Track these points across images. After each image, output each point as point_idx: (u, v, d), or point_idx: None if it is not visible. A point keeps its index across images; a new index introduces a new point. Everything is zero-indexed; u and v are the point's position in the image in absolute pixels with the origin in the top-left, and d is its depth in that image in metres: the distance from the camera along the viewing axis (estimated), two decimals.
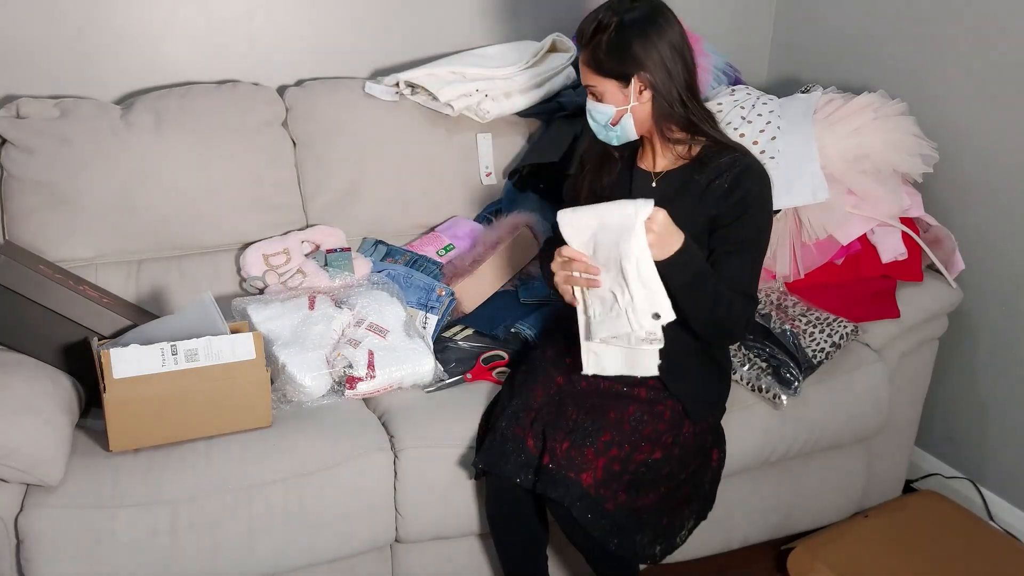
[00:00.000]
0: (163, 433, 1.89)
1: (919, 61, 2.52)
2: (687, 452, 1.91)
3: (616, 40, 1.78)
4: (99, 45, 2.37)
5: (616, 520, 1.79)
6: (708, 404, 1.97)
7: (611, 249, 1.68)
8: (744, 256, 1.85)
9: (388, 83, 2.51)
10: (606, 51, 1.79)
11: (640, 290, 1.66)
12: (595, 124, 1.90)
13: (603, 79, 1.82)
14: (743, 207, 1.82)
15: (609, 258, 1.69)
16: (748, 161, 1.87)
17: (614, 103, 1.84)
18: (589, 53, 1.81)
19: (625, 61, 1.79)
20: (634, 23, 1.77)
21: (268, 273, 2.30)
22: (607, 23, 1.78)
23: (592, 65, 1.82)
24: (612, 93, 1.83)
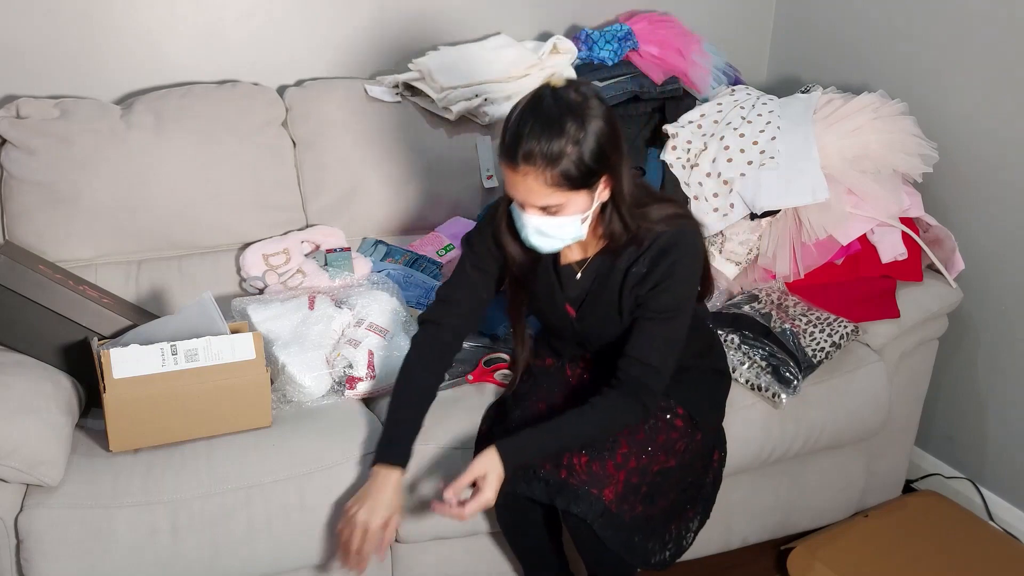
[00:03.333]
0: (163, 433, 1.89)
1: (919, 61, 2.52)
2: (695, 456, 1.91)
3: (584, 147, 1.57)
4: (99, 45, 2.37)
5: (632, 532, 1.78)
6: (714, 409, 1.97)
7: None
8: (656, 325, 1.74)
9: (388, 84, 2.51)
10: (575, 160, 1.57)
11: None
12: (547, 240, 1.69)
13: (569, 193, 1.60)
14: (660, 281, 1.71)
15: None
16: (666, 238, 1.71)
17: (578, 211, 1.65)
18: (552, 171, 1.56)
19: (599, 164, 1.60)
20: (586, 114, 1.57)
21: (268, 273, 2.30)
22: (565, 131, 1.55)
23: (556, 183, 1.58)
24: (577, 203, 1.63)
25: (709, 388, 1.96)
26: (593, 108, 1.59)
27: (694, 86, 2.64)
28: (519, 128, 1.57)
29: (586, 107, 1.58)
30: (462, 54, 2.55)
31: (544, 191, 1.59)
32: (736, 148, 2.37)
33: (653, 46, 2.64)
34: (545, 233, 1.67)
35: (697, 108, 2.52)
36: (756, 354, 2.16)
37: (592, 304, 1.81)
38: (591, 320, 1.84)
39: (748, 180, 2.32)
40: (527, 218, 1.65)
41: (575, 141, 1.56)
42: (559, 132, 1.56)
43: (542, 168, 1.57)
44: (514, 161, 1.58)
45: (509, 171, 1.60)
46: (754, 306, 2.28)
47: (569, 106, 1.57)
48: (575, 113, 1.57)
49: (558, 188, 1.59)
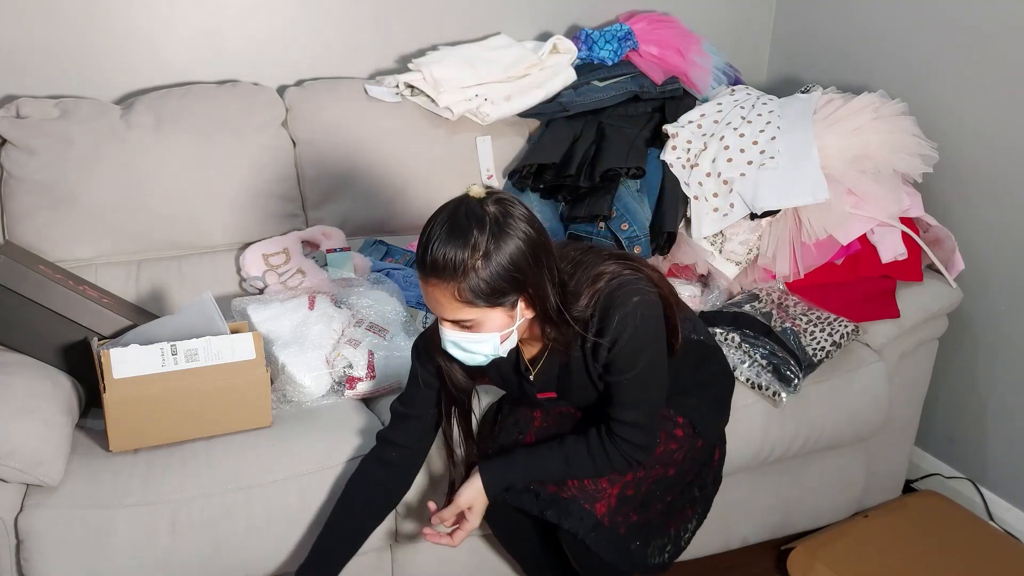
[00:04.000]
0: (163, 433, 1.89)
1: (919, 61, 2.52)
2: (694, 460, 1.89)
3: (494, 264, 1.48)
4: (99, 45, 2.37)
5: (627, 541, 1.77)
6: (717, 415, 1.93)
7: None
8: (625, 385, 1.67)
9: (388, 84, 2.51)
10: (486, 278, 1.48)
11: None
12: (466, 355, 1.62)
13: (482, 309, 1.52)
14: (611, 348, 1.63)
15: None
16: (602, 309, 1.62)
17: (497, 328, 1.56)
18: (459, 286, 1.48)
19: (512, 284, 1.51)
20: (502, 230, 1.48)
21: (268, 273, 2.30)
22: (474, 244, 1.47)
23: (465, 299, 1.50)
24: (495, 320, 1.55)
25: (711, 394, 1.93)
26: (512, 224, 1.49)
27: (694, 86, 2.64)
28: (428, 238, 1.50)
29: (504, 222, 1.49)
30: (462, 54, 2.55)
31: (453, 306, 1.51)
32: (736, 148, 2.37)
33: (653, 46, 2.64)
34: (462, 348, 1.60)
35: (697, 108, 2.53)
36: (757, 353, 2.16)
37: (565, 388, 1.76)
38: (571, 399, 1.80)
39: (748, 180, 2.32)
40: (443, 331, 1.59)
41: (485, 256, 1.47)
42: (466, 245, 1.47)
43: (449, 281, 1.48)
44: (422, 271, 1.51)
45: (422, 282, 1.53)
46: (755, 305, 2.28)
47: (482, 219, 1.48)
48: (489, 227, 1.48)
49: (468, 304, 1.50)
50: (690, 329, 1.85)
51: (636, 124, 2.52)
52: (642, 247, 2.35)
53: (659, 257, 2.41)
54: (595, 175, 2.38)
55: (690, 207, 2.38)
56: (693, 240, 2.37)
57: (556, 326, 1.61)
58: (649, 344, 1.65)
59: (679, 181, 2.40)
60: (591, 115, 2.54)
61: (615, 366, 1.64)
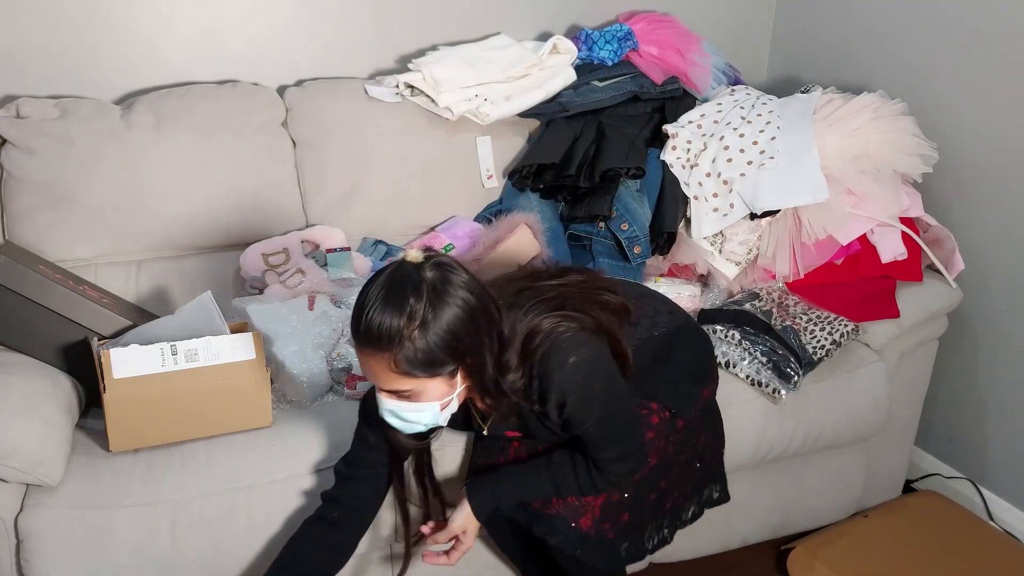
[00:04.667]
0: (163, 433, 1.89)
1: (919, 61, 2.52)
2: (680, 441, 1.84)
3: (431, 333, 1.42)
4: (99, 45, 2.37)
5: (618, 543, 1.76)
6: (692, 392, 1.85)
7: None
8: (591, 431, 1.62)
9: (388, 84, 2.51)
10: (424, 348, 1.42)
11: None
12: (405, 425, 1.56)
13: (422, 380, 1.47)
14: (559, 407, 1.57)
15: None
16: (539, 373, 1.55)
17: (437, 398, 1.51)
18: (395, 356, 1.42)
19: (450, 353, 1.45)
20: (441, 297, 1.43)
21: (268, 273, 2.30)
22: (409, 312, 1.41)
23: (402, 370, 1.44)
24: (435, 389, 1.50)
25: (681, 373, 1.83)
26: (451, 291, 1.43)
27: (694, 86, 2.64)
28: (363, 305, 1.44)
29: (442, 288, 1.43)
30: (462, 54, 2.55)
31: (389, 376, 1.45)
32: (736, 148, 2.37)
33: (653, 46, 2.64)
34: (401, 417, 1.54)
35: (697, 108, 2.53)
36: (757, 350, 2.16)
37: (526, 433, 1.73)
38: (541, 439, 1.75)
39: (748, 180, 2.32)
40: (380, 400, 1.53)
41: (422, 324, 1.41)
42: (402, 313, 1.41)
43: (384, 352, 1.42)
44: (357, 340, 1.45)
45: (357, 350, 1.47)
46: (755, 304, 2.28)
47: (418, 285, 1.42)
48: (427, 294, 1.42)
49: (405, 375, 1.45)
50: (648, 327, 1.79)
51: (636, 124, 2.52)
52: (642, 247, 2.35)
53: (659, 257, 2.42)
54: (595, 175, 2.38)
55: (690, 207, 2.38)
56: (693, 240, 2.37)
57: (493, 397, 1.55)
58: (599, 392, 1.59)
59: (679, 181, 2.40)
60: (591, 115, 2.54)
61: (573, 421, 1.60)
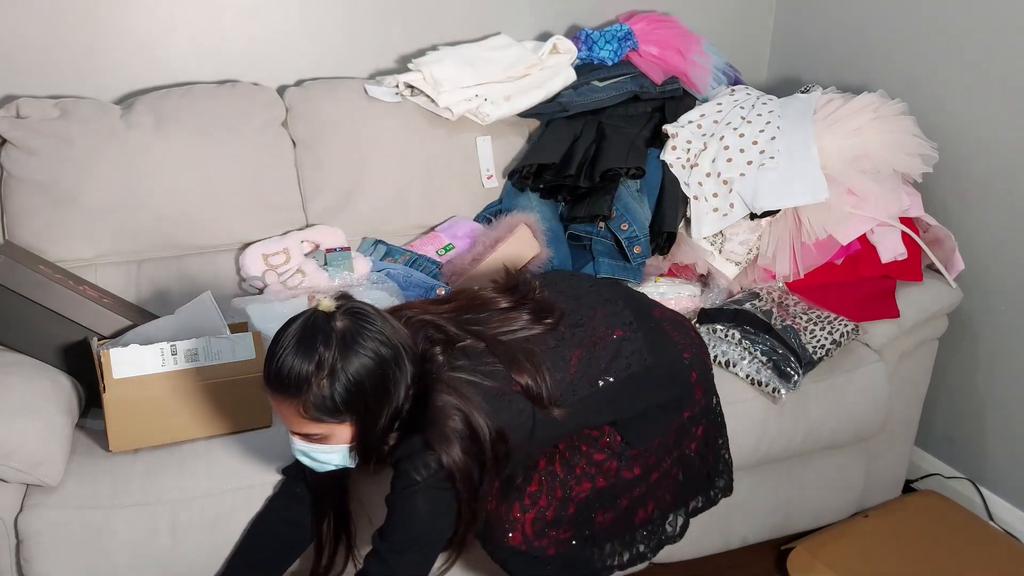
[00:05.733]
0: (163, 433, 1.89)
1: (919, 61, 2.52)
2: (647, 462, 1.77)
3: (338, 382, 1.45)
4: (99, 45, 2.37)
5: (566, 558, 1.73)
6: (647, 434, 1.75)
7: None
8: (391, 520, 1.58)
9: (388, 84, 2.51)
10: (329, 396, 1.45)
11: None
12: (316, 464, 1.59)
13: (332, 425, 1.49)
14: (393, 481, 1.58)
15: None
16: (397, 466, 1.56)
17: (347, 441, 1.54)
18: (304, 403, 1.45)
19: (350, 405, 1.47)
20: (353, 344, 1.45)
21: (268, 273, 2.30)
22: (316, 358, 1.43)
23: (310, 415, 1.47)
24: (343, 433, 1.53)
25: (637, 411, 1.74)
26: (360, 343, 1.45)
27: (694, 86, 2.64)
28: (275, 350, 1.46)
29: (352, 340, 1.45)
30: (462, 54, 2.55)
31: (298, 420, 1.48)
32: (736, 148, 2.37)
33: (653, 46, 2.64)
34: (311, 457, 1.57)
35: (697, 108, 2.53)
36: (757, 349, 2.16)
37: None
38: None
39: (748, 180, 2.32)
40: (292, 440, 1.56)
41: (329, 373, 1.44)
42: (310, 360, 1.43)
43: (293, 397, 1.46)
44: (267, 384, 1.48)
45: (268, 395, 1.51)
46: (755, 303, 2.28)
47: (328, 335, 1.44)
48: (336, 343, 1.44)
49: (312, 420, 1.48)
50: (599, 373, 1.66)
51: (636, 124, 2.52)
52: (642, 247, 2.35)
53: (659, 257, 2.42)
54: (595, 175, 2.38)
55: (690, 207, 2.38)
56: (693, 240, 2.37)
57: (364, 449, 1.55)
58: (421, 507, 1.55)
59: (679, 181, 2.40)
60: (591, 115, 2.54)
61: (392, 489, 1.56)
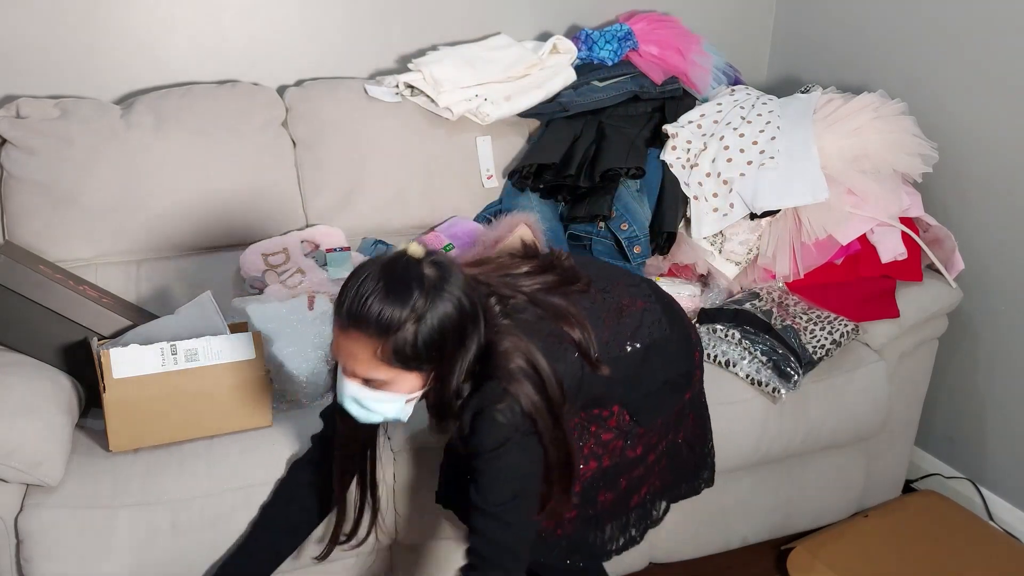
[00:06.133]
0: (163, 433, 1.89)
1: (919, 61, 2.52)
2: (648, 442, 1.76)
3: (423, 328, 1.41)
4: (99, 45, 2.37)
5: (571, 540, 1.73)
6: (658, 409, 1.76)
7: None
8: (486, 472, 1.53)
9: (388, 84, 2.51)
10: (410, 340, 1.41)
11: None
12: (364, 413, 1.52)
13: (400, 371, 1.45)
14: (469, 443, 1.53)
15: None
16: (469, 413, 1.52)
17: (407, 391, 1.49)
18: (383, 344, 1.40)
19: (435, 351, 1.43)
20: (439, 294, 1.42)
21: (268, 273, 2.30)
22: (409, 303, 1.39)
23: (385, 358, 1.42)
24: (408, 382, 1.47)
25: (654, 384, 1.74)
26: (447, 290, 1.42)
27: (694, 86, 2.64)
28: (360, 288, 1.41)
29: (440, 286, 1.42)
30: (462, 54, 2.55)
31: (370, 363, 1.43)
32: (736, 148, 2.37)
33: (653, 46, 2.64)
34: (362, 404, 1.50)
35: (697, 108, 2.53)
36: (757, 349, 2.16)
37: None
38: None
39: (748, 180, 2.32)
40: (346, 383, 1.49)
41: (417, 318, 1.40)
42: (403, 304, 1.39)
43: (373, 338, 1.40)
44: (345, 321, 1.42)
45: (337, 330, 1.44)
46: (755, 303, 2.28)
47: (421, 280, 1.41)
48: (427, 289, 1.41)
49: (386, 363, 1.42)
50: (627, 338, 1.67)
51: (636, 124, 2.52)
52: (642, 247, 2.35)
53: (659, 257, 2.42)
54: (595, 175, 2.38)
55: (690, 207, 2.38)
56: (693, 240, 2.37)
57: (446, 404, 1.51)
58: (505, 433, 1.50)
59: (679, 181, 2.40)
60: (591, 115, 2.54)
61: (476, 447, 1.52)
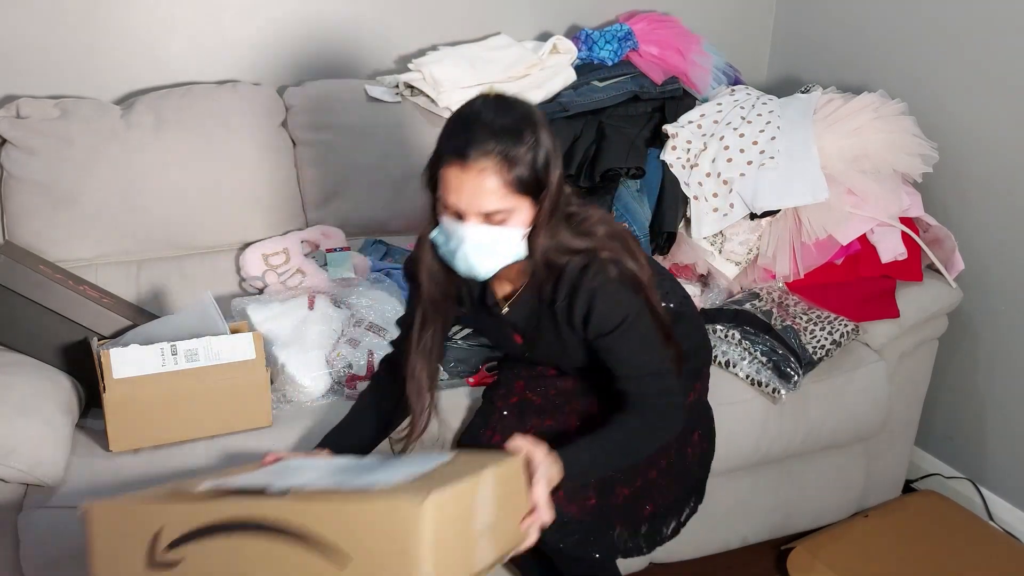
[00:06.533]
0: (163, 433, 1.89)
1: (919, 61, 2.52)
2: (665, 445, 1.80)
3: (538, 153, 1.52)
4: (99, 45, 2.38)
5: (587, 526, 1.74)
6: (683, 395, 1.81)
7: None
8: (620, 341, 1.64)
9: (388, 84, 2.51)
10: (530, 163, 1.51)
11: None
12: (485, 259, 1.58)
13: (520, 198, 1.53)
14: (586, 314, 1.62)
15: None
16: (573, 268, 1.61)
17: (520, 224, 1.56)
18: (507, 172, 1.50)
19: (547, 173, 1.54)
20: (536, 122, 1.54)
21: (268, 273, 2.30)
22: (522, 135, 1.51)
23: (510, 184, 1.51)
24: (522, 213, 1.55)
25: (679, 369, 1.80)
26: (541, 120, 1.56)
27: (694, 86, 2.64)
28: (474, 126, 1.52)
29: (534, 116, 1.55)
30: (462, 54, 2.55)
31: (498, 191, 1.51)
32: (736, 148, 2.37)
33: (653, 46, 2.64)
34: (486, 248, 1.56)
35: (697, 108, 2.53)
36: (757, 349, 2.16)
37: (534, 338, 1.74)
38: (540, 350, 1.77)
39: (748, 180, 2.32)
40: (467, 230, 1.54)
41: (531, 144, 1.52)
42: (518, 133, 1.51)
43: (498, 166, 1.50)
44: (467, 159, 1.50)
45: (457, 171, 1.51)
46: (755, 304, 2.28)
47: (523, 113, 1.55)
48: (527, 119, 1.54)
49: (511, 190, 1.52)
50: (664, 293, 1.79)
51: (636, 124, 2.52)
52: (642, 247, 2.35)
53: (659, 257, 2.42)
54: (595, 175, 2.38)
55: (690, 207, 2.38)
56: (693, 240, 2.37)
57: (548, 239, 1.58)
58: (630, 301, 1.62)
59: (679, 181, 2.40)
60: (591, 115, 2.53)
61: (600, 327, 1.62)
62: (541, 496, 1.47)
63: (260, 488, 1.30)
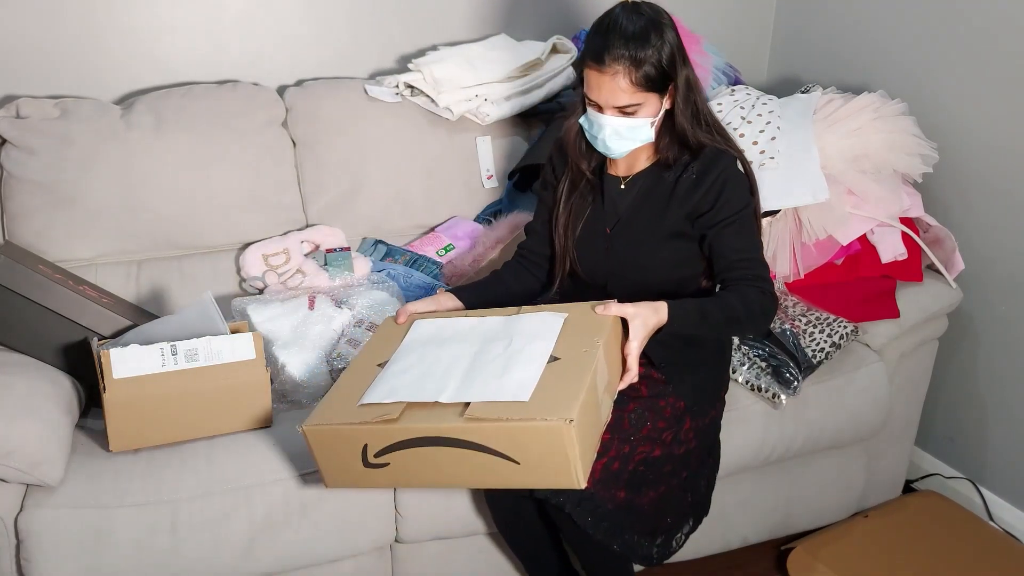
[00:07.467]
0: (163, 433, 1.89)
1: (919, 61, 2.52)
2: (689, 450, 1.91)
3: (663, 53, 1.76)
4: (99, 45, 2.38)
5: (616, 519, 1.79)
6: (710, 398, 1.96)
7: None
8: (735, 227, 1.84)
9: (388, 84, 2.51)
10: (655, 63, 1.75)
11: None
12: (621, 143, 1.84)
13: (647, 93, 1.78)
14: (717, 190, 1.83)
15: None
16: (712, 150, 1.86)
17: (650, 114, 1.81)
18: (634, 71, 1.74)
19: (672, 70, 1.78)
20: (662, 26, 1.77)
21: (268, 273, 2.30)
22: (648, 38, 1.75)
23: (639, 83, 1.76)
24: (652, 105, 1.80)
25: (708, 375, 1.98)
26: (666, 22, 1.79)
27: None
28: (609, 34, 1.75)
29: (660, 20, 1.78)
30: (462, 54, 2.55)
31: (628, 89, 1.76)
32: None
33: None
34: (621, 134, 1.82)
35: None
36: (756, 354, 2.16)
37: (630, 220, 1.90)
38: (624, 240, 1.90)
39: None
40: (605, 120, 1.80)
41: (656, 47, 1.75)
42: (644, 38, 1.74)
43: (628, 68, 1.74)
44: (602, 63, 1.74)
45: (595, 73, 1.76)
46: None
47: (650, 18, 1.77)
48: (654, 24, 1.77)
49: (639, 88, 1.76)
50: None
51: None
52: None
53: None
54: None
55: None
56: None
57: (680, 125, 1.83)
58: (749, 198, 1.86)
59: None
60: None
61: (723, 210, 1.82)
62: (633, 358, 1.68)
63: (432, 400, 1.58)
